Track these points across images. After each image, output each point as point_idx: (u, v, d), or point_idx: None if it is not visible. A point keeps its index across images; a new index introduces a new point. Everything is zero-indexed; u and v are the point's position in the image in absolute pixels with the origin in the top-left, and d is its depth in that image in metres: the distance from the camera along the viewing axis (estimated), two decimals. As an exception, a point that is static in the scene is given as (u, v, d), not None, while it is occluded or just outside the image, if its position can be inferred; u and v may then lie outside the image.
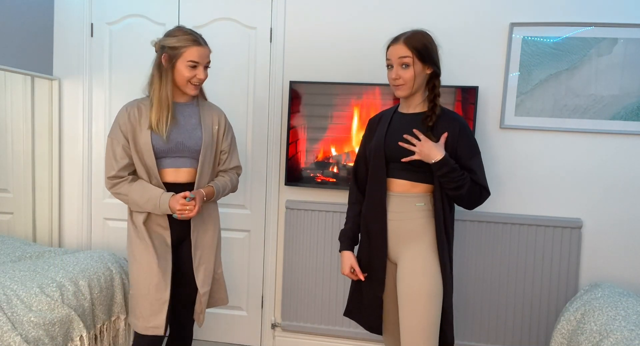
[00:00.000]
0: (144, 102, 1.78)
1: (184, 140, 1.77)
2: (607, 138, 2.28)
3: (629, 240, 2.30)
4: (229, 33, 2.59)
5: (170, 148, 1.75)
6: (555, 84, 2.28)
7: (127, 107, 1.77)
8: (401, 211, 1.65)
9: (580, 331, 1.80)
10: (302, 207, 2.51)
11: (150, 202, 1.73)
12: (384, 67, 2.41)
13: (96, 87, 2.75)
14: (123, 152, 1.74)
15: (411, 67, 1.58)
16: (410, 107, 1.69)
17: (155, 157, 1.74)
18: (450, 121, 1.64)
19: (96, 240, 2.82)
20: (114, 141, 1.76)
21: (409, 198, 1.65)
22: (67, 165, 2.80)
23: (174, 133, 1.75)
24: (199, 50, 1.72)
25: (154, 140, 1.73)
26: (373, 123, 1.79)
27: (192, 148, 1.78)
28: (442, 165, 1.54)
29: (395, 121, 1.70)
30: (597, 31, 2.23)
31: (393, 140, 1.65)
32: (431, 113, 1.62)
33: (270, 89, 2.57)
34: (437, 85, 1.64)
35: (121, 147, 1.74)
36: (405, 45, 1.59)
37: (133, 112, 1.75)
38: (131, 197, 1.74)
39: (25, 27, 2.57)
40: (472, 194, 1.60)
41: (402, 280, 1.60)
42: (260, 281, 2.67)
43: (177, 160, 1.79)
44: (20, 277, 1.92)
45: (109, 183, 1.76)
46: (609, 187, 2.30)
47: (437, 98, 1.63)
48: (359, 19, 2.46)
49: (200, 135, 1.80)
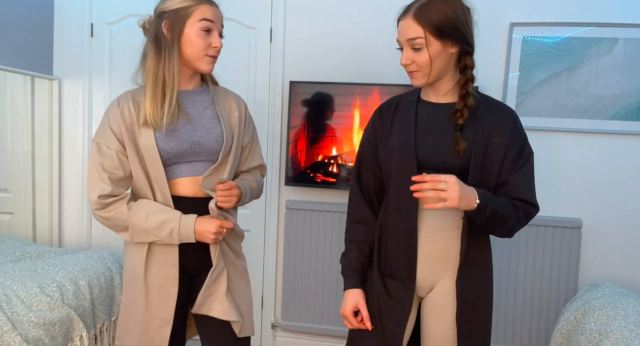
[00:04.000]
0: (139, 93, 1.36)
1: (201, 138, 1.35)
2: (607, 138, 2.28)
3: (629, 240, 2.30)
4: (228, 33, 2.58)
5: (184, 151, 1.33)
6: (555, 83, 2.28)
7: (118, 100, 1.35)
8: (440, 229, 1.26)
9: (580, 331, 1.80)
10: (302, 207, 2.51)
11: (165, 228, 1.29)
12: (384, 67, 2.41)
13: (96, 87, 2.75)
14: (117, 161, 1.31)
15: (424, 49, 1.19)
16: (440, 93, 1.29)
17: (164, 164, 1.32)
18: (502, 114, 1.25)
19: (96, 240, 2.82)
20: (101, 146, 1.31)
21: (451, 212, 1.26)
22: (67, 165, 2.80)
23: (187, 131, 1.34)
24: (212, 9, 1.32)
25: (160, 142, 1.31)
26: (386, 115, 1.35)
27: (212, 149, 1.37)
28: (482, 209, 1.15)
29: (424, 113, 1.29)
30: (597, 31, 2.23)
31: (427, 140, 1.25)
32: (462, 106, 1.22)
33: (270, 89, 2.57)
34: (469, 65, 1.24)
35: (114, 154, 1.30)
36: (415, 21, 1.18)
37: (127, 106, 1.32)
38: (134, 223, 1.29)
39: (25, 27, 2.57)
40: (517, 224, 1.22)
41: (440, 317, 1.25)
42: (260, 281, 2.67)
43: (194, 166, 1.36)
44: (20, 277, 1.92)
45: (98, 204, 1.29)
46: (609, 187, 2.30)
47: (469, 84, 1.24)
48: (359, 19, 2.46)
49: (220, 130, 1.39)
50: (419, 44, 1.19)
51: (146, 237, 1.31)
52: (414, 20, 1.18)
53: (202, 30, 1.30)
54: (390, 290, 1.28)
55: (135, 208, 1.30)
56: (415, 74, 1.23)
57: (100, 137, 1.32)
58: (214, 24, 1.32)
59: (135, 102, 1.33)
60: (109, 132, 1.31)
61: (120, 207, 1.30)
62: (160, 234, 1.29)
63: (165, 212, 1.30)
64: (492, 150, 1.22)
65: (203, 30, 1.30)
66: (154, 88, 1.30)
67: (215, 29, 1.33)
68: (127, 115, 1.31)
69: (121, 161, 1.31)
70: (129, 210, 1.30)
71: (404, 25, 1.21)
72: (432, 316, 1.27)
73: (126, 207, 1.30)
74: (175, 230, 1.29)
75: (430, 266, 1.27)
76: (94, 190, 1.29)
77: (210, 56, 1.34)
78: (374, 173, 1.35)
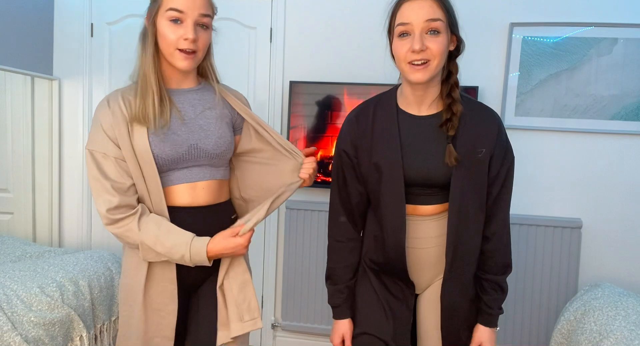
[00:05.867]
0: (130, 90, 1.22)
1: (199, 141, 1.23)
2: (607, 138, 2.28)
3: (629, 240, 2.30)
4: (229, 33, 2.59)
5: (181, 156, 1.20)
6: (555, 83, 2.28)
7: (108, 100, 1.20)
8: (429, 236, 1.23)
9: (580, 331, 1.80)
10: (302, 207, 2.51)
11: (176, 254, 1.17)
12: (383, 67, 2.41)
13: (96, 87, 2.75)
14: (119, 169, 1.17)
15: (442, 35, 1.08)
16: (424, 103, 1.18)
17: (158, 170, 1.19)
18: (486, 120, 1.18)
19: (96, 240, 2.82)
20: (96, 154, 1.17)
21: (438, 221, 1.23)
22: (67, 165, 2.80)
23: (183, 133, 1.21)
24: None
25: (155, 146, 1.18)
26: (364, 125, 1.23)
27: (212, 152, 1.25)
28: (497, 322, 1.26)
29: (406, 127, 1.19)
30: (597, 31, 2.23)
31: (414, 158, 1.18)
32: (450, 115, 1.14)
33: (270, 89, 2.57)
34: (453, 71, 1.15)
35: (112, 161, 1.16)
36: (436, 2, 1.08)
37: (118, 105, 1.18)
38: (144, 243, 1.17)
39: (25, 27, 2.57)
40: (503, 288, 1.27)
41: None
42: (260, 281, 2.67)
43: (191, 172, 1.24)
44: (20, 277, 1.92)
45: (107, 218, 1.16)
46: (609, 187, 2.30)
47: (454, 91, 1.14)
48: (359, 19, 2.46)
49: (221, 132, 1.27)
50: (438, 27, 1.06)
51: (158, 258, 1.19)
52: (434, 1, 1.07)
53: (170, 21, 1.15)
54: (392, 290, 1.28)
55: (146, 228, 1.16)
56: (424, 66, 1.08)
57: (93, 143, 1.17)
58: (185, 15, 1.15)
59: (126, 100, 1.20)
60: (103, 136, 1.16)
61: (131, 223, 1.16)
62: (173, 257, 1.18)
63: (175, 235, 1.17)
64: (477, 162, 1.16)
65: (170, 20, 1.15)
66: (141, 85, 1.18)
67: (187, 19, 1.15)
68: (119, 115, 1.17)
69: (122, 168, 1.17)
70: (139, 229, 1.16)
71: (420, 5, 1.07)
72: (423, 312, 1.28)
73: (136, 224, 1.16)
74: (187, 256, 1.17)
75: (424, 271, 1.26)
76: (100, 203, 1.16)
77: (183, 50, 1.16)
78: (355, 189, 1.26)
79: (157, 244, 1.16)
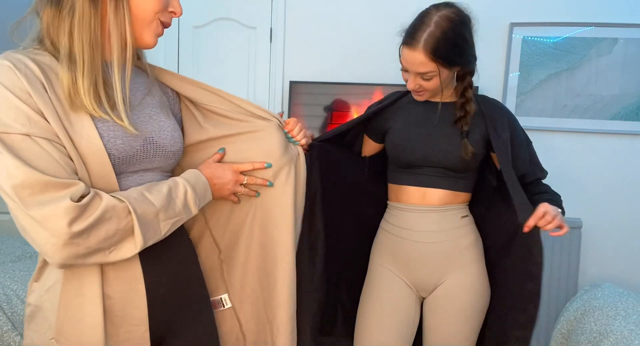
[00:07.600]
0: (42, 56, 0.86)
1: (154, 133, 0.91)
2: (607, 138, 2.28)
3: (629, 240, 2.30)
4: (229, 33, 2.59)
5: (135, 153, 0.87)
6: (555, 83, 2.28)
7: (12, 63, 0.81)
8: (442, 230, 1.26)
9: (580, 331, 1.80)
10: (302, 207, 2.51)
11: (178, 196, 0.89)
12: (384, 67, 2.41)
13: None
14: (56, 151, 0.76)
15: (435, 78, 1.17)
16: (437, 97, 1.29)
17: (115, 172, 0.84)
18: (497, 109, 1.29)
19: (96, 240, 2.82)
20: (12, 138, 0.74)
21: (451, 211, 1.28)
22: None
23: (133, 122, 0.87)
24: None
25: (107, 138, 0.82)
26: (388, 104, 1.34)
27: (169, 149, 0.94)
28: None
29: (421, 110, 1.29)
30: (597, 31, 2.23)
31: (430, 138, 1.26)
32: (464, 113, 1.22)
33: (270, 89, 2.57)
34: (469, 82, 1.25)
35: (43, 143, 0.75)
36: (426, 56, 1.13)
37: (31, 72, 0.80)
38: (139, 211, 0.81)
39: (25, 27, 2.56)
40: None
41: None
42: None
43: (142, 177, 0.90)
44: (20, 277, 1.92)
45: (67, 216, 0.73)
46: (609, 187, 2.30)
47: (468, 91, 1.23)
48: (359, 19, 2.46)
49: (172, 123, 0.97)
50: (429, 76, 1.17)
51: (160, 226, 0.85)
52: (425, 55, 1.12)
53: None
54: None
55: (122, 195, 0.81)
56: (422, 93, 1.24)
57: (3, 124, 0.74)
58: None
59: (46, 70, 0.81)
60: (18, 112, 0.74)
61: (103, 198, 0.78)
62: (176, 207, 0.87)
63: (158, 182, 0.90)
64: (502, 144, 1.23)
65: None
66: (89, 54, 0.81)
67: None
68: (38, 85, 0.78)
69: (61, 151, 0.77)
70: (115, 198, 0.80)
71: (413, 57, 1.14)
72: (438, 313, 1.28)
73: (108, 196, 0.79)
74: (190, 191, 0.90)
75: (434, 266, 1.27)
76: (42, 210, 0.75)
77: (164, 23, 0.93)
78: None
79: (149, 200, 0.83)
